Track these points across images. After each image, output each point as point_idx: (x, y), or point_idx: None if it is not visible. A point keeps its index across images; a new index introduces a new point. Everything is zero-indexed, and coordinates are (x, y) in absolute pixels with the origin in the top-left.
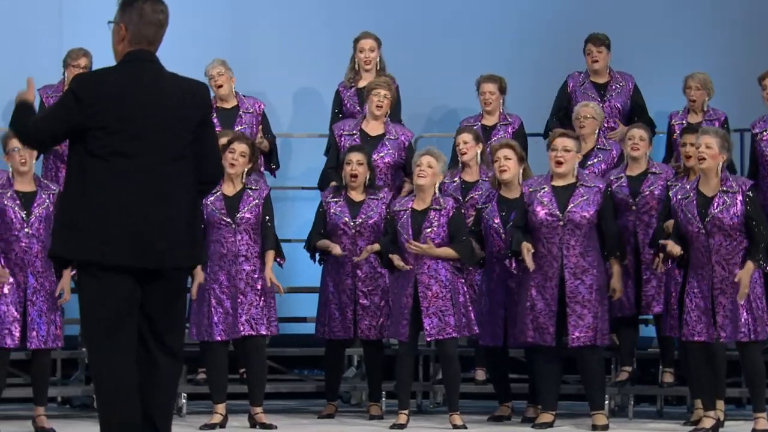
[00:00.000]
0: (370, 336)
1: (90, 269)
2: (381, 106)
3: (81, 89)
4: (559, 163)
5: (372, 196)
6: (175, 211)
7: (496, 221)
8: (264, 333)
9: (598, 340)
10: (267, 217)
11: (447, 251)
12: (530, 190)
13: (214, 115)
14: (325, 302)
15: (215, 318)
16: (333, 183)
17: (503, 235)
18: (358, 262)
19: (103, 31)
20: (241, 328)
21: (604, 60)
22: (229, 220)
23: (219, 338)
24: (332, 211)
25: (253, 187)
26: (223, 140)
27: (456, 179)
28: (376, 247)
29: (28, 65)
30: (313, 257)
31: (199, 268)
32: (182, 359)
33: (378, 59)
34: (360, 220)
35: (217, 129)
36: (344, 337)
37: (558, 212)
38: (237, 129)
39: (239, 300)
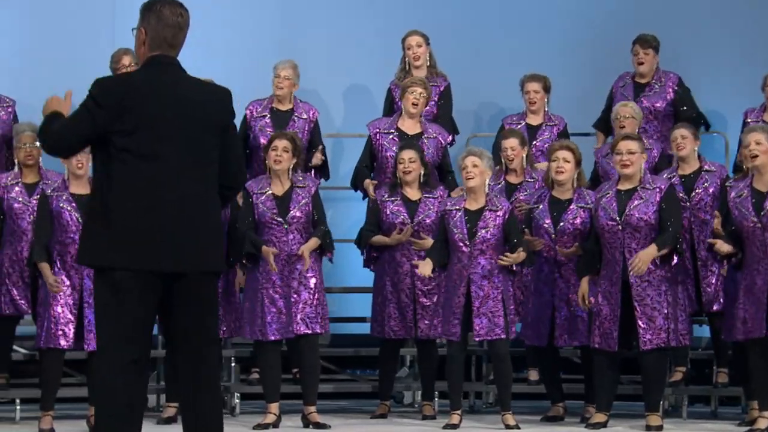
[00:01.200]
0: (430, 335)
1: (109, 273)
2: (417, 104)
3: (101, 94)
4: (626, 166)
5: (428, 194)
6: (202, 213)
7: (546, 221)
8: (319, 331)
9: (672, 341)
10: (316, 214)
11: (522, 256)
12: (598, 195)
13: (268, 115)
14: (383, 302)
15: (268, 318)
16: (367, 180)
17: (553, 236)
18: (413, 246)
19: None
20: (297, 327)
21: (650, 62)
22: (280, 219)
23: (273, 338)
24: (388, 210)
25: (301, 185)
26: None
27: (501, 181)
28: (429, 243)
29: (80, 66)
30: (363, 253)
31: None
32: (219, 368)
33: (427, 55)
34: (418, 219)
35: (269, 129)
36: (404, 336)
37: (617, 216)
38: None
39: (293, 299)
